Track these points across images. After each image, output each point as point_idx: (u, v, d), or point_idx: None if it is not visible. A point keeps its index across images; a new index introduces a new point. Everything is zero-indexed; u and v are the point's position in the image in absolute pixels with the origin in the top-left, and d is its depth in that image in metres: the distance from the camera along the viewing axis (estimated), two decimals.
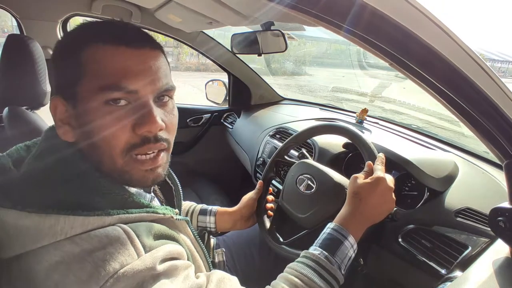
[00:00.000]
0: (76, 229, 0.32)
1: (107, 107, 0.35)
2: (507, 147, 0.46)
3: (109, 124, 0.35)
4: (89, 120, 0.36)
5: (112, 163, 0.37)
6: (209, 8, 0.92)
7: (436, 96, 0.43)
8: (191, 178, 1.56)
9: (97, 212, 0.33)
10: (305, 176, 0.80)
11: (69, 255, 0.31)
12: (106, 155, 0.37)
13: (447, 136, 1.09)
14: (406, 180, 0.85)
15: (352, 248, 0.52)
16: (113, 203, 0.36)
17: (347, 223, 0.54)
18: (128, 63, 0.35)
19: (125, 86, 0.35)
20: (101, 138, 0.36)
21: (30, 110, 0.89)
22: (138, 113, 0.36)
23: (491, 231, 0.53)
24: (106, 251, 0.31)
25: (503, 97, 0.43)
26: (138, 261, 0.32)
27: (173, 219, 0.42)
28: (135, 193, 0.42)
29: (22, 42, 0.84)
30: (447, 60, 0.38)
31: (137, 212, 0.37)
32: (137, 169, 0.38)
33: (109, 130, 0.35)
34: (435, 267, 0.67)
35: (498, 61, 18.71)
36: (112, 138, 0.36)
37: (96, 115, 0.35)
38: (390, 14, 0.35)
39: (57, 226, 0.31)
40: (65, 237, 0.31)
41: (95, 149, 0.37)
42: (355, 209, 0.55)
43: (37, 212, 0.32)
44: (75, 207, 0.33)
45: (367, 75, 5.47)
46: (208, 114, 1.73)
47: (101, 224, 0.33)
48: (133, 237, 0.33)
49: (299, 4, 0.34)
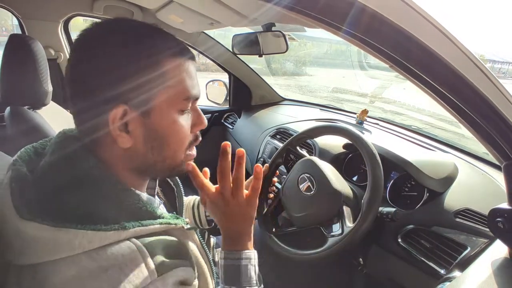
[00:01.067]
0: (94, 244, 0.33)
1: (179, 115, 0.40)
2: (506, 149, 0.46)
3: (182, 128, 0.41)
4: (164, 125, 0.39)
5: (174, 162, 0.42)
6: (210, 9, 0.92)
7: (436, 98, 0.43)
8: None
9: (114, 227, 0.34)
10: (307, 176, 0.81)
11: (85, 271, 0.31)
12: (172, 155, 0.41)
13: (447, 138, 1.10)
14: (406, 181, 0.86)
15: (250, 259, 0.49)
16: (128, 212, 0.37)
17: (229, 243, 0.50)
18: (193, 74, 0.41)
19: (194, 96, 0.41)
20: (173, 141, 0.40)
21: (32, 109, 0.89)
22: (194, 115, 0.43)
23: (490, 232, 0.53)
24: (121, 271, 0.32)
25: (503, 100, 0.44)
26: (151, 286, 0.33)
27: (184, 229, 0.43)
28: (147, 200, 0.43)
29: (24, 42, 0.84)
30: (446, 63, 0.39)
31: (151, 224, 0.38)
32: (187, 160, 0.45)
33: (181, 133, 0.41)
34: (434, 267, 0.67)
35: (498, 62, 18.71)
36: (182, 139, 0.41)
37: (172, 120, 0.39)
38: (390, 16, 0.35)
39: (75, 241, 0.32)
40: (82, 251, 0.32)
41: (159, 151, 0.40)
42: (222, 234, 0.51)
43: (56, 225, 0.32)
44: (92, 220, 0.34)
45: (368, 76, 5.47)
46: (208, 114, 1.73)
47: (117, 238, 0.34)
48: (147, 259, 0.34)
49: (298, 5, 0.34)
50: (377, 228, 0.78)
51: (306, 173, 0.81)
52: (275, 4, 0.35)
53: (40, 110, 0.91)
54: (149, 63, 0.36)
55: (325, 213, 0.77)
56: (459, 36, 0.38)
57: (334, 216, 0.76)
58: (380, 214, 0.76)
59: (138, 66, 0.36)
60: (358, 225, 0.70)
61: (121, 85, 0.36)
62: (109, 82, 0.36)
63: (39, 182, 0.36)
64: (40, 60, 0.85)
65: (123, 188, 0.38)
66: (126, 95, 0.36)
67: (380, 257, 0.82)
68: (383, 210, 0.76)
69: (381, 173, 0.72)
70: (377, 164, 0.73)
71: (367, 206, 0.70)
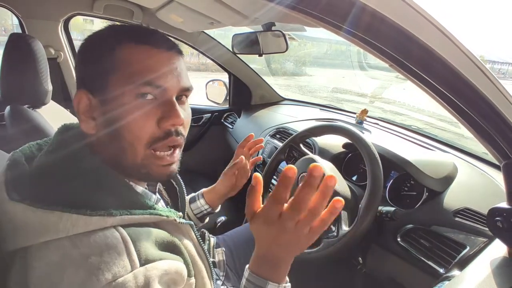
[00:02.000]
0: (78, 228, 0.33)
1: (136, 101, 0.38)
2: (505, 148, 0.47)
3: (137, 116, 0.38)
4: (117, 112, 0.37)
5: (133, 157, 0.39)
6: (211, 8, 0.92)
7: (436, 98, 0.43)
8: (191, 177, 1.56)
9: (100, 212, 0.34)
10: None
11: (66, 257, 0.32)
12: (129, 148, 0.39)
13: (446, 137, 1.10)
14: (406, 180, 0.86)
15: None
16: (118, 201, 0.37)
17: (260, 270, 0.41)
18: (158, 63, 0.39)
19: (155, 82, 0.38)
20: (128, 130, 0.38)
21: (31, 108, 0.89)
22: (163, 108, 0.39)
23: (489, 231, 0.54)
24: (102, 259, 0.32)
25: (502, 99, 0.44)
26: (131, 276, 0.32)
27: (176, 222, 0.42)
28: (141, 193, 0.43)
29: (24, 41, 0.84)
30: (446, 62, 0.39)
31: (140, 213, 0.38)
32: (155, 164, 0.40)
33: (136, 122, 0.38)
34: (434, 266, 0.67)
35: (498, 62, 18.73)
36: (139, 130, 0.38)
37: (126, 107, 0.37)
38: (390, 16, 0.35)
39: (60, 224, 0.32)
40: (66, 235, 0.32)
41: (117, 142, 0.38)
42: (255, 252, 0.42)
43: (43, 208, 0.33)
44: (80, 205, 0.34)
45: (367, 76, 5.48)
46: (208, 114, 1.74)
47: (103, 225, 0.34)
48: (130, 247, 0.34)
49: (299, 5, 0.34)
50: (376, 228, 0.78)
51: (306, 172, 0.82)
52: (277, 4, 0.35)
53: (40, 109, 0.91)
54: (104, 49, 0.38)
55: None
56: (460, 36, 0.39)
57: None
58: (380, 214, 0.76)
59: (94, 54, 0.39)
60: (353, 229, 0.70)
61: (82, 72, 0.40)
62: (77, 72, 0.41)
63: (35, 170, 0.38)
64: (40, 59, 0.85)
65: (115, 177, 0.38)
66: (86, 81, 0.39)
67: (379, 256, 0.82)
68: (382, 209, 0.76)
69: (381, 174, 0.73)
70: (377, 165, 0.73)
71: (364, 211, 0.70)
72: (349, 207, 0.77)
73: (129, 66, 0.38)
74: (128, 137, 0.38)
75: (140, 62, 0.38)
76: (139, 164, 0.39)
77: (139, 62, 0.38)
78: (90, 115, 0.39)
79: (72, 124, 0.44)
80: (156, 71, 0.38)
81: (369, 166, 0.74)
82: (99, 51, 0.39)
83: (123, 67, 0.38)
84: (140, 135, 0.38)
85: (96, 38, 0.41)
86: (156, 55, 0.39)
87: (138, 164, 0.39)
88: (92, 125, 0.39)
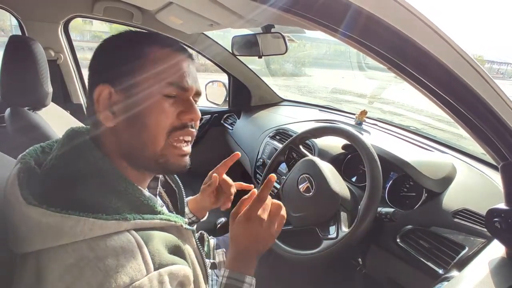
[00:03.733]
0: (95, 232, 0.33)
1: (161, 98, 0.41)
2: (503, 149, 0.47)
3: (162, 110, 0.41)
4: (144, 106, 0.40)
5: (154, 146, 0.42)
6: (210, 10, 0.92)
7: (433, 99, 0.44)
8: (191, 178, 1.56)
9: (116, 217, 0.35)
10: (306, 177, 0.81)
11: (84, 260, 0.32)
12: (151, 138, 0.41)
13: (445, 138, 1.11)
14: (405, 181, 0.86)
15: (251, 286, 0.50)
16: (130, 205, 0.39)
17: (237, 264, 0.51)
18: (181, 65, 0.43)
19: (179, 83, 0.42)
20: (153, 121, 0.41)
21: (32, 110, 0.89)
22: (184, 105, 0.43)
23: (487, 232, 0.54)
24: (118, 262, 0.33)
25: (499, 101, 0.44)
26: (146, 280, 0.34)
27: (182, 227, 0.44)
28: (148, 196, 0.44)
29: (24, 43, 0.84)
30: (443, 64, 0.39)
31: (151, 218, 0.39)
32: (173, 154, 0.43)
33: (160, 114, 0.41)
34: (433, 267, 0.67)
35: (496, 62, 18.77)
36: (162, 120, 0.41)
37: (152, 102, 0.40)
38: (386, 18, 0.36)
39: (77, 228, 0.33)
40: (83, 239, 0.33)
41: (139, 133, 0.41)
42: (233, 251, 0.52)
43: (60, 212, 0.34)
44: (95, 209, 0.35)
45: (366, 77, 5.49)
46: (208, 115, 1.74)
47: (118, 229, 0.35)
48: (144, 251, 0.35)
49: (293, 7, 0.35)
50: (376, 228, 0.78)
51: (306, 173, 0.82)
52: (271, 6, 0.35)
53: (40, 111, 0.92)
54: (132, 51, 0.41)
55: (322, 215, 0.77)
56: (458, 36, 0.39)
57: (330, 219, 0.76)
58: (379, 215, 0.76)
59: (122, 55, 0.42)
60: (353, 230, 0.70)
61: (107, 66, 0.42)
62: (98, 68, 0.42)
63: (46, 174, 0.39)
64: (40, 61, 0.85)
65: (127, 181, 0.40)
66: (110, 77, 0.41)
67: (379, 257, 0.83)
68: (382, 210, 0.76)
69: (380, 176, 0.73)
70: (376, 166, 0.73)
71: (364, 212, 0.71)
72: (349, 208, 0.77)
73: (156, 67, 0.41)
74: (152, 127, 0.41)
75: (166, 63, 0.42)
76: (158, 154, 0.42)
77: (165, 63, 0.41)
78: (109, 108, 0.41)
79: (79, 128, 0.45)
80: (180, 73, 0.42)
81: (368, 167, 0.74)
82: (129, 48, 0.42)
83: (150, 67, 0.41)
84: (163, 125, 0.41)
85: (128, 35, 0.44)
86: (179, 59, 0.43)
87: (158, 154, 0.42)
88: (111, 117, 0.41)
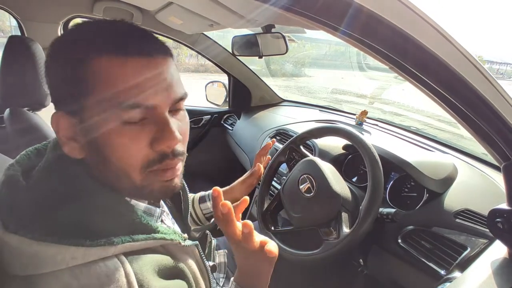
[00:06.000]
0: (77, 260, 0.30)
1: (122, 125, 0.32)
2: (505, 149, 0.47)
3: (126, 141, 0.33)
4: (102, 137, 0.33)
5: (130, 181, 0.35)
6: (210, 10, 0.92)
7: (435, 99, 0.43)
8: (191, 179, 1.56)
9: (100, 242, 0.31)
10: (307, 177, 0.81)
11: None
12: (123, 174, 0.34)
13: (446, 138, 1.10)
14: (406, 182, 0.86)
15: None
16: (119, 225, 0.34)
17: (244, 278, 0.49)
18: (142, 76, 0.32)
19: (143, 103, 0.32)
20: (117, 157, 0.33)
21: (31, 111, 0.89)
22: (156, 128, 0.34)
23: (489, 232, 0.54)
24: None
25: (501, 100, 0.44)
26: None
27: (181, 245, 0.40)
28: (145, 210, 0.40)
29: (23, 43, 0.84)
30: (445, 63, 0.39)
31: (143, 239, 0.35)
32: (157, 182, 0.36)
33: (125, 148, 0.33)
34: (435, 268, 0.67)
35: (496, 62, 18.78)
36: (129, 157, 0.33)
37: (111, 132, 0.32)
38: (387, 16, 0.35)
39: (58, 256, 0.30)
40: (66, 267, 0.30)
41: (109, 167, 0.34)
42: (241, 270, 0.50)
43: (38, 240, 0.30)
44: (78, 234, 0.31)
45: (367, 77, 5.49)
46: (208, 115, 1.73)
47: (104, 255, 0.31)
48: (132, 281, 0.32)
49: (294, 6, 0.34)
50: (377, 229, 0.78)
51: (307, 173, 0.82)
52: (272, 5, 0.35)
53: (39, 111, 0.92)
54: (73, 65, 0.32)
55: (323, 216, 0.77)
56: (458, 36, 0.38)
57: (331, 220, 0.76)
58: (380, 215, 0.76)
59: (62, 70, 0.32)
60: (354, 231, 0.70)
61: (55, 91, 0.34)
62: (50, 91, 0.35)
63: (30, 191, 0.34)
64: (39, 62, 0.85)
65: (115, 198, 0.35)
66: (59, 101, 0.34)
67: (380, 258, 0.82)
68: (383, 211, 0.76)
69: (381, 175, 0.73)
70: (377, 166, 0.73)
71: (365, 213, 0.70)
72: (350, 209, 0.77)
73: (108, 85, 0.31)
74: (118, 164, 0.34)
75: (118, 79, 0.31)
76: (139, 186, 0.35)
77: (116, 79, 0.31)
78: (72, 138, 0.34)
79: None
80: (141, 88, 0.32)
81: (369, 167, 0.74)
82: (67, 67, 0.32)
83: (97, 87, 0.31)
84: (132, 162, 0.34)
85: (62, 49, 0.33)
86: (136, 66, 0.32)
87: (138, 186, 0.35)
88: (76, 148, 0.34)
